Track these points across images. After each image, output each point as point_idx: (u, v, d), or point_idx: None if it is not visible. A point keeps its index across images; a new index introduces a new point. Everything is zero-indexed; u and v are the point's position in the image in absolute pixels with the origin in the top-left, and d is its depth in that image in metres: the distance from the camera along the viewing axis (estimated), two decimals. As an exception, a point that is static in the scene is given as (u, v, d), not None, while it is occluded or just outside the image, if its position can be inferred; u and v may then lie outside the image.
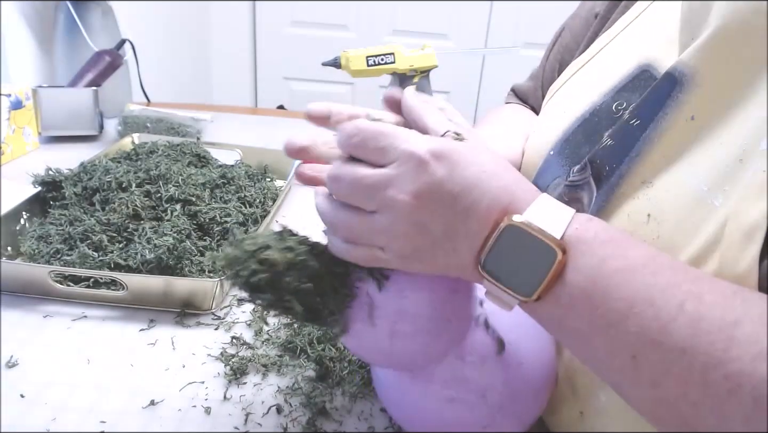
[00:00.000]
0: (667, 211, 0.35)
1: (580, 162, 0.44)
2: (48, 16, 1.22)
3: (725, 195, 0.32)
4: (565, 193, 0.44)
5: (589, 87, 0.48)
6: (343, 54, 1.02)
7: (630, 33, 0.49)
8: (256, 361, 0.56)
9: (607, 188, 0.40)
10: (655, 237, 0.35)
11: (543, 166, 0.48)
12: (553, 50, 0.64)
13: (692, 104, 0.36)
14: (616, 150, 0.40)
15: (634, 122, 0.39)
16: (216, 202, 0.76)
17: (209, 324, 0.62)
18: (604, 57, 0.50)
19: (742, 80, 0.34)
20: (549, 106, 0.53)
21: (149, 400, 0.51)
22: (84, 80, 1.12)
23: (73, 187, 0.76)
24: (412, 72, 1.03)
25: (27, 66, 1.22)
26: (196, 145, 0.92)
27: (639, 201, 0.37)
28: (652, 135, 0.37)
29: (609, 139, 0.41)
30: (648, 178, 0.37)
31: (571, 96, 0.51)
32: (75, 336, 0.59)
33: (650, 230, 0.36)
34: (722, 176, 0.33)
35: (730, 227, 0.31)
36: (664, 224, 0.35)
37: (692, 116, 0.35)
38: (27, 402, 0.50)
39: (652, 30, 0.46)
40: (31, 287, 0.63)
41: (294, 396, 0.52)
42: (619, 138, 0.40)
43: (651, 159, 0.37)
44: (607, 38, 0.51)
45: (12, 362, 0.54)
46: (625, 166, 0.39)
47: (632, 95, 0.44)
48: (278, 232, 0.40)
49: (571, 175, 0.44)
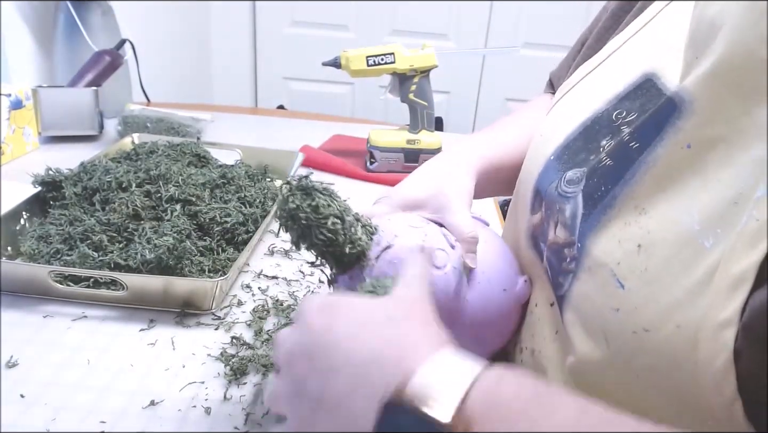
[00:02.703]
0: (657, 245, 0.35)
1: (573, 168, 0.43)
2: (48, 16, 1.22)
3: (716, 238, 0.32)
4: (555, 200, 0.44)
5: (594, 93, 0.48)
6: (343, 54, 1.02)
7: (641, 37, 0.48)
8: (256, 361, 0.56)
9: (600, 209, 0.39)
10: (643, 269, 0.35)
11: (542, 171, 0.48)
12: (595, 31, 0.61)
13: (688, 132, 0.35)
14: (613, 171, 0.39)
15: (633, 145, 0.38)
16: (216, 202, 0.76)
17: (209, 324, 0.62)
18: (613, 62, 0.49)
19: (743, 114, 0.32)
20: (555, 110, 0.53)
21: (149, 400, 0.51)
22: (84, 80, 1.12)
23: (73, 187, 0.76)
24: (412, 72, 1.03)
25: (27, 66, 1.22)
26: (196, 145, 0.92)
27: (631, 228, 0.37)
28: (648, 159, 0.37)
29: (608, 159, 0.40)
30: (641, 204, 0.37)
31: (577, 101, 0.50)
32: (75, 336, 0.59)
33: (640, 261, 0.35)
34: (716, 217, 0.32)
35: (720, 275, 0.31)
36: (653, 258, 0.35)
37: (688, 144, 0.35)
38: (27, 402, 0.50)
39: (661, 36, 0.45)
40: (31, 287, 0.63)
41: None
42: (617, 159, 0.39)
43: (645, 184, 0.37)
44: (618, 41, 0.50)
45: (12, 362, 0.54)
46: (620, 188, 0.38)
47: (632, 105, 0.43)
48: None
49: (563, 184, 0.43)
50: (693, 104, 0.35)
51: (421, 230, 0.47)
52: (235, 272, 0.68)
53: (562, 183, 0.43)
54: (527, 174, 0.51)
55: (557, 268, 0.43)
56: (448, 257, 0.46)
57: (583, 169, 0.42)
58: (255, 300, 0.67)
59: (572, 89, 0.52)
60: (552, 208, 0.44)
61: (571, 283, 0.40)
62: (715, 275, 0.31)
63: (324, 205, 0.43)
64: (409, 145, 1.06)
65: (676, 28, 0.43)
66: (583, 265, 0.39)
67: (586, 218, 0.40)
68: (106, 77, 1.15)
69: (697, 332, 0.31)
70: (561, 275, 0.42)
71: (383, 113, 2.14)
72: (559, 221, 0.43)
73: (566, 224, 0.42)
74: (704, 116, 0.34)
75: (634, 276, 0.35)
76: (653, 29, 0.47)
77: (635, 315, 0.35)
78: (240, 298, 0.67)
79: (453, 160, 0.56)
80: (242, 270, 0.73)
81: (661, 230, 0.35)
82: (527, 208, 0.50)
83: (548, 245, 0.44)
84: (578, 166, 0.43)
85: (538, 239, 0.48)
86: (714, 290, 0.31)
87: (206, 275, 0.67)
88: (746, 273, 0.29)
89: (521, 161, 0.54)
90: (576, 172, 0.43)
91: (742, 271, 0.30)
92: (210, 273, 0.67)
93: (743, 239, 0.30)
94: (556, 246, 0.43)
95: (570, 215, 0.41)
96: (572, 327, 0.40)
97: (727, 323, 0.30)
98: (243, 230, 0.74)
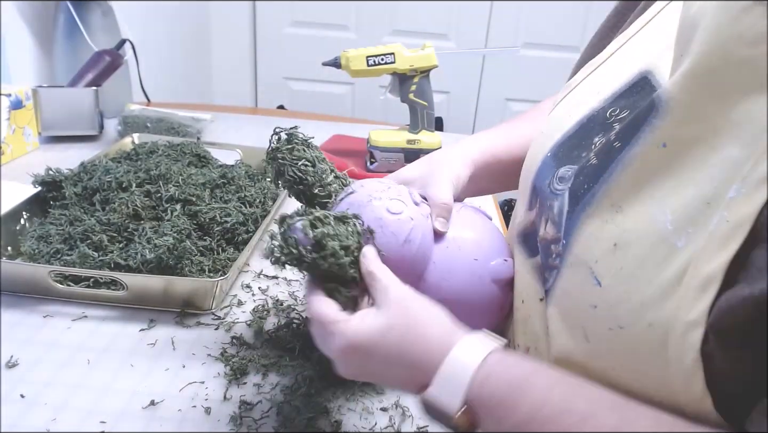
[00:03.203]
0: (632, 244, 0.35)
1: (567, 165, 0.43)
2: (48, 16, 1.22)
3: (688, 237, 0.32)
4: (547, 197, 0.44)
5: (594, 91, 0.48)
6: (343, 54, 1.02)
7: (642, 36, 0.48)
8: (256, 361, 0.56)
9: (581, 206, 0.40)
10: (618, 268, 0.35)
11: (540, 167, 0.49)
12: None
13: (664, 130, 0.35)
14: (596, 169, 0.40)
15: (616, 144, 0.39)
16: (216, 202, 0.76)
17: (209, 324, 0.62)
18: (614, 61, 0.50)
19: (718, 113, 0.32)
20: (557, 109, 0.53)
21: (149, 400, 0.51)
22: (84, 80, 1.12)
23: (73, 187, 0.76)
24: (412, 72, 1.03)
25: (27, 66, 1.22)
26: (196, 145, 0.92)
27: (608, 226, 0.37)
28: (625, 158, 0.37)
29: (594, 158, 0.41)
30: (617, 201, 0.37)
31: (577, 99, 0.50)
32: (75, 336, 0.59)
33: (616, 259, 0.36)
34: (688, 217, 0.32)
35: (690, 274, 0.31)
36: (628, 256, 0.35)
37: (663, 143, 0.35)
38: (27, 402, 0.50)
39: (659, 36, 0.46)
40: (31, 287, 0.63)
41: (294, 396, 0.52)
42: (601, 157, 0.40)
43: (622, 182, 0.37)
44: (620, 41, 0.50)
45: (12, 362, 0.54)
46: (599, 186, 0.38)
47: (627, 102, 0.43)
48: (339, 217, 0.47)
49: (555, 181, 0.44)
50: (669, 103, 0.35)
51: (385, 184, 0.50)
52: (235, 272, 0.68)
53: (555, 180, 0.44)
54: (527, 171, 0.52)
55: (545, 263, 0.44)
56: (405, 207, 0.48)
57: (574, 167, 0.43)
58: (255, 300, 0.67)
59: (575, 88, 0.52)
60: (544, 205, 0.45)
61: (555, 279, 0.41)
62: (685, 275, 0.31)
63: (299, 150, 0.53)
64: (409, 145, 1.05)
65: (671, 25, 0.43)
66: (566, 261, 0.40)
67: (570, 216, 0.40)
68: (106, 77, 1.15)
69: (668, 330, 0.32)
70: (547, 271, 0.43)
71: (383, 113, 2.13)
72: (549, 218, 0.43)
73: (554, 220, 0.42)
74: (680, 115, 0.34)
75: (610, 274, 0.36)
76: (653, 28, 0.48)
77: (611, 312, 0.35)
78: (240, 298, 0.67)
79: (452, 150, 0.58)
80: (242, 270, 0.73)
81: (636, 229, 0.35)
82: (525, 204, 0.50)
83: (539, 241, 0.45)
84: (572, 163, 0.44)
85: (531, 236, 0.48)
86: (683, 290, 0.31)
87: (206, 275, 0.67)
88: (715, 274, 0.30)
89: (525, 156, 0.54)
90: (568, 170, 0.43)
91: (711, 271, 0.30)
92: (210, 273, 0.67)
93: (714, 239, 0.30)
94: (545, 242, 0.44)
95: (557, 212, 0.42)
96: (554, 322, 0.41)
97: (695, 323, 0.30)
98: (243, 229, 0.74)
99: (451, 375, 0.38)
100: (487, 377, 0.38)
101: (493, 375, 0.38)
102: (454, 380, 0.38)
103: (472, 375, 0.38)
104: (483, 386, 0.37)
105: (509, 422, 0.36)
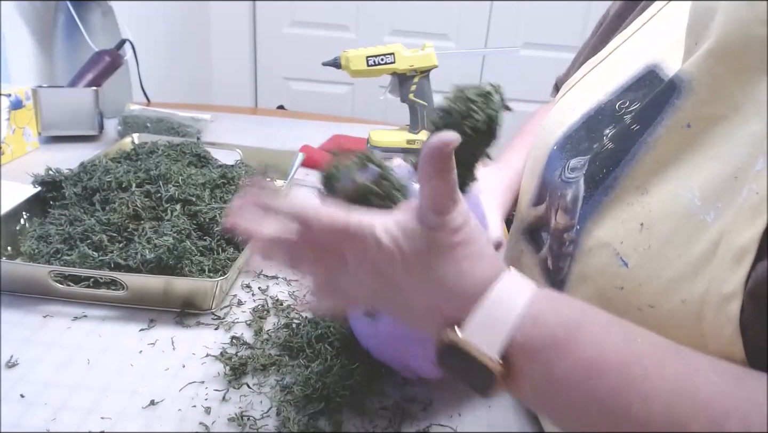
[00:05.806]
0: (659, 222, 0.35)
1: (577, 156, 0.44)
2: (48, 16, 1.22)
3: (717, 212, 0.32)
4: (558, 187, 0.45)
5: (598, 86, 0.49)
6: (343, 54, 1.02)
7: (643, 33, 0.49)
8: (256, 361, 0.56)
9: (602, 190, 0.40)
10: (646, 247, 0.35)
11: (547, 161, 0.49)
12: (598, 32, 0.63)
13: (688, 111, 0.35)
14: (614, 153, 0.40)
15: (634, 127, 0.39)
16: (216, 202, 0.76)
17: (209, 324, 0.62)
18: (616, 57, 0.50)
19: (740, 91, 0.33)
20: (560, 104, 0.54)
21: (149, 400, 0.51)
22: (84, 80, 1.12)
23: (73, 187, 0.76)
24: (412, 72, 1.03)
25: (27, 66, 1.22)
26: (196, 145, 0.92)
27: (633, 207, 0.37)
28: (648, 140, 0.37)
29: (610, 142, 0.41)
30: (642, 183, 0.37)
31: (580, 95, 0.51)
32: (75, 336, 0.59)
33: (642, 238, 0.36)
34: (716, 192, 0.33)
35: (723, 248, 0.31)
36: (656, 234, 0.35)
37: (688, 124, 0.35)
38: (27, 402, 0.50)
39: (663, 30, 0.46)
40: (31, 287, 0.63)
41: (294, 396, 0.52)
42: (618, 141, 0.40)
43: (646, 164, 0.37)
44: (621, 38, 0.51)
45: (12, 362, 0.54)
46: (621, 170, 0.39)
47: (636, 95, 0.44)
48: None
49: (566, 171, 0.44)
50: (692, 83, 0.35)
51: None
52: (235, 272, 0.68)
53: (566, 171, 0.44)
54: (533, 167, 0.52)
55: (557, 253, 0.43)
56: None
57: (586, 157, 0.43)
58: (255, 300, 0.67)
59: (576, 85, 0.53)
60: (554, 196, 0.45)
61: (570, 266, 0.41)
62: (717, 248, 0.32)
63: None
64: (409, 145, 1.06)
65: (677, 24, 0.44)
66: (581, 247, 0.40)
67: (587, 201, 0.41)
68: (106, 77, 1.15)
69: (702, 305, 0.32)
70: (561, 260, 0.43)
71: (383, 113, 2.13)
72: (560, 207, 0.44)
73: (567, 208, 0.42)
74: (703, 95, 0.35)
75: (637, 254, 0.36)
76: (654, 26, 0.48)
77: (640, 292, 0.35)
78: (240, 298, 0.67)
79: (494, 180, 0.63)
80: (242, 270, 0.73)
81: (663, 208, 0.35)
82: (529, 200, 0.50)
83: (551, 232, 0.45)
84: (582, 154, 0.44)
85: (539, 230, 0.48)
86: (717, 263, 0.31)
87: (206, 275, 0.67)
88: (749, 245, 0.30)
89: None
90: (579, 160, 0.44)
91: (745, 243, 0.30)
92: (210, 273, 0.67)
93: (744, 212, 0.31)
94: (558, 232, 0.44)
95: (571, 199, 0.42)
96: None
97: (732, 294, 0.30)
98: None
99: (496, 311, 0.34)
100: (538, 315, 0.33)
101: (547, 313, 0.34)
102: (499, 316, 0.34)
103: (522, 312, 0.33)
104: (536, 325, 0.33)
105: (563, 364, 0.32)
